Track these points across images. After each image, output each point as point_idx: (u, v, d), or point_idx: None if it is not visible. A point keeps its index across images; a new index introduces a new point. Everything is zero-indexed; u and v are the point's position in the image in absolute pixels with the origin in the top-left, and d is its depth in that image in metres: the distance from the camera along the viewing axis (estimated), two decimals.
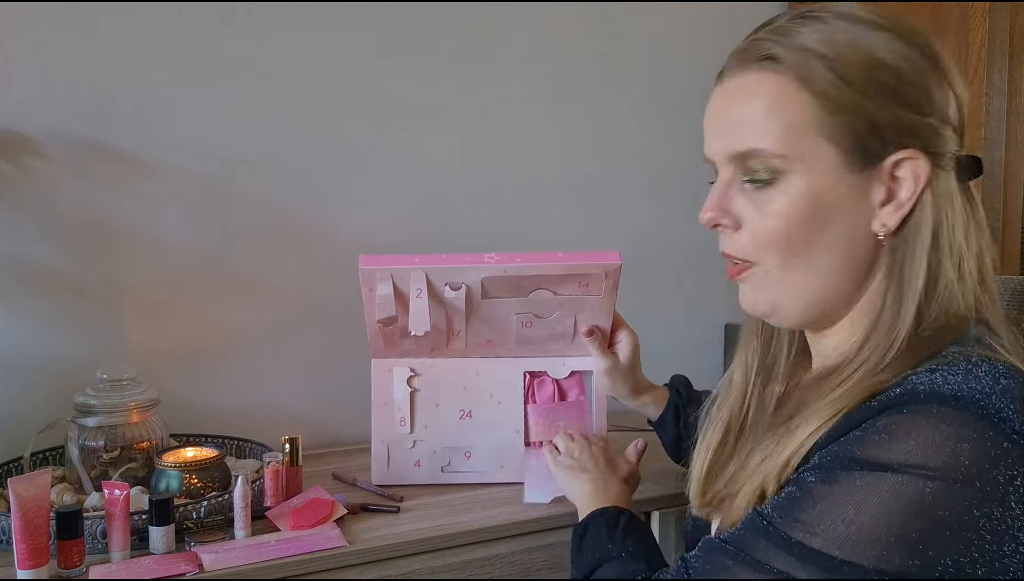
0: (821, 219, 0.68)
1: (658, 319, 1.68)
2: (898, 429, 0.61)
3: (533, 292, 1.12)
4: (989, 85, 1.44)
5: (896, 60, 0.66)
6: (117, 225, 1.29)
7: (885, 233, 0.68)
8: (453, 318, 1.12)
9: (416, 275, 1.08)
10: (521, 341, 1.17)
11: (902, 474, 0.59)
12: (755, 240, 0.70)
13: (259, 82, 1.36)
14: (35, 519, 0.88)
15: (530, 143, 1.57)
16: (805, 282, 0.70)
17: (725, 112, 0.72)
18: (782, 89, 0.67)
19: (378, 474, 1.19)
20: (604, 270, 1.10)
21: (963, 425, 0.59)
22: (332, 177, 1.42)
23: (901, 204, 0.67)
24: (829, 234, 0.68)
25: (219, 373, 1.36)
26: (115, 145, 1.28)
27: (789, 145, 0.67)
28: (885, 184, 0.67)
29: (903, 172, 0.67)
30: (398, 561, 1.00)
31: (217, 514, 1.02)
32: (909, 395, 0.62)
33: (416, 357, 1.18)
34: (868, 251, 0.69)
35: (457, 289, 1.09)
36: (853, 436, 0.63)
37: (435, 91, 1.49)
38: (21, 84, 1.22)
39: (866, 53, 0.66)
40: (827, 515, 0.61)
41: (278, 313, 1.40)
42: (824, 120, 0.66)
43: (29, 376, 1.23)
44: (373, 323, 1.12)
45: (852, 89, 0.66)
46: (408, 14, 1.45)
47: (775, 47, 0.68)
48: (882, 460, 0.60)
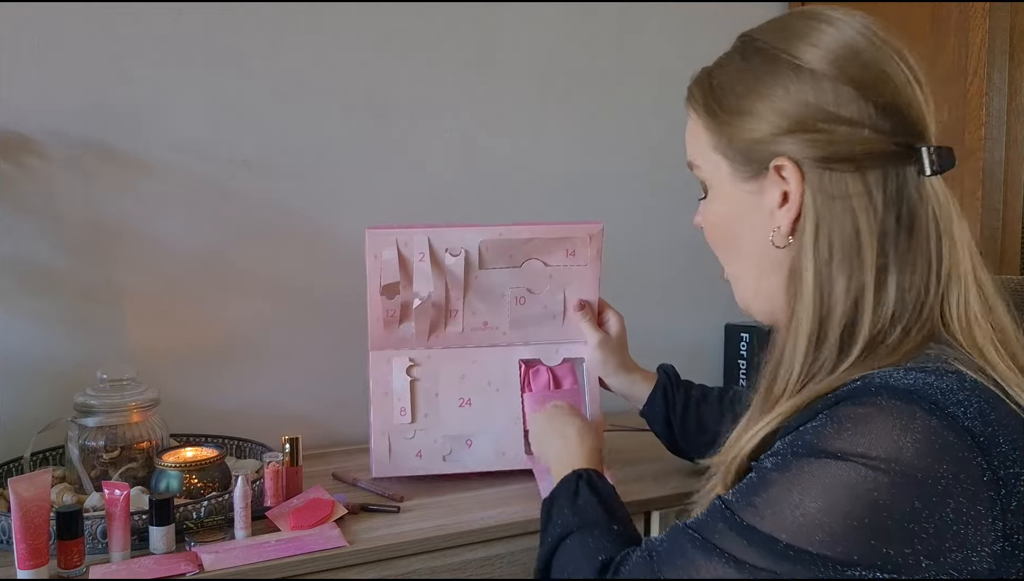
0: (733, 224, 0.78)
1: (658, 319, 1.69)
2: (848, 419, 0.63)
3: (525, 262, 1.20)
4: (989, 85, 1.44)
5: (794, 87, 0.71)
6: (117, 225, 1.29)
7: (779, 234, 0.73)
8: (452, 291, 1.17)
9: (419, 239, 1.15)
10: (516, 323, 1.22)
11: (846, 462, 0.61)
12: (707, 239, 0.83)
13: (259, 82, 1.36)
14: (35, 519, 0.88)
15: (530, 143, 1.57)
16: (742, 280, 0.80)
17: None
18: (692, 119, 0.80)
19: (379, 467, 1.18)
20: (588, 233, 1.22)
21: (911, 418, 0.61)
22: (332, 177, 1.42)
23: (789, 206, 0.72)
24: (744, 238, 0.77)
25: (219, 373, 1.36)
26: (115, 145, 1.28)
27: (703, 164, 0.79)
28: (779, 187, 0.72)
29: (787, 173, 0.71)
30: (398, 561, 1.00)
31: (217, 514, 1.02)
32: (863, 388, 0.65)
33: (414, 348, 1.20)
34: (782, 255, 0.73)
35: (456, 255, 1.16)
36: (809, 425, 0.65)
37: (435, 91, 1.49)
38: (21, 84, 1.22)
39: (745, 76, 0.75)
40: (776, 500, 0.63)
41: (278, 313, 1.40)
42: (712, 138, 0.77)
43: (29, 376, 1.23)
44: (376, 305, 1.16)
45: (725, 112, 0.75)
46: (408, 14, 1.45)
47: (692, 87, 0.80)
48: (829, 448, 0.62)
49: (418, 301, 1.16)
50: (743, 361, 1.60)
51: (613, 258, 1.65)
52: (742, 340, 1.60)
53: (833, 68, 0.70)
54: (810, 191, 0.70)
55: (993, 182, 1.45)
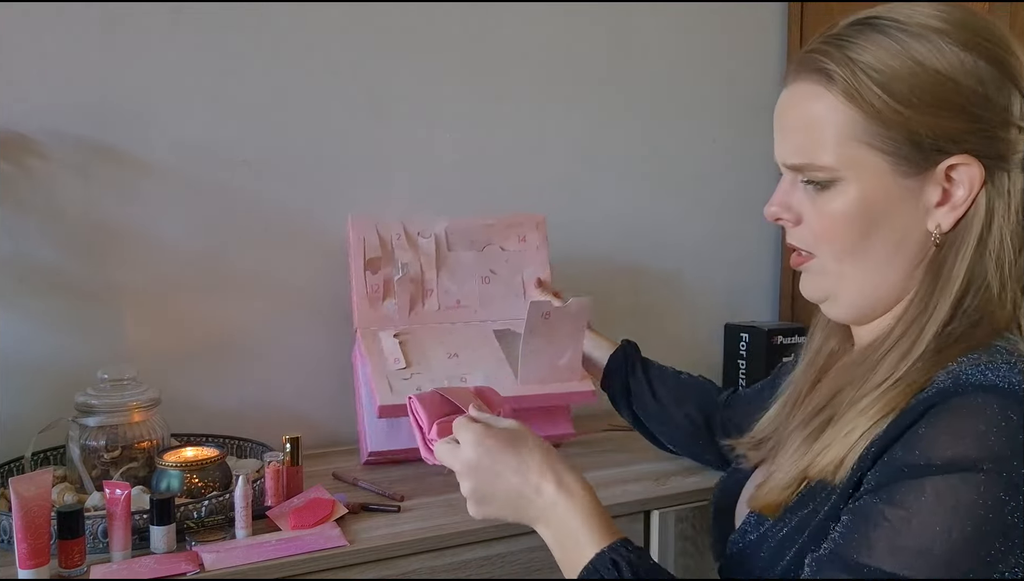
0: (874, 220, 0.71)
1: (658, 319, 1.69)
2: (936, 427, 0.62)
3: (486, 246, 1.37)
4: None
5: (948, 70, 0.67)
6: (117, 225, 1.29)
7: (939, 232, 0.70)
8: (426, 271, 1.33)
9: (395, 223, 1.33)
10: (485, 301, 1.36)
11: (945, 473, 0.60)
12: (814, 235, 0.74)
13: (259, 82, 1.36)
14: (36, 519, 0.89)
15: (530, 143, 1.57)
16: (859, 277, 0.74)
17: (784, 120, 0.76)
18: (831, 104, 0.70)
19: (383, 396, 1.18)
20: (534, 222, 1.41)
21: (1006, 411, 0.60)
22: (332, 177, 1.43)
23: (956, 206, 0.69)
24: (883, 234, 0.71)
25: (219, 373, 1.37)
26: (115, 145, 1.28)
27: (839, 157, 0.70)
28: (940, 185, 0.69)
29: (958, 175, 0.69)
30: (398, 561, 1.00)
31: (218, 514, 1.02)
32: (952, 387, 0.63)
33: (397, 326, 1.30)
34: (920, 248, 0.72)
35: (427, 237, 1.34)
36: (902, 444, 0.64)
37: (435, 91, 1.49)
38: (21, 84, 1.22)
39: (915, 65, 0.68)
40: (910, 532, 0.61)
41: (278, 313, 1.40)
42: (872, 131, 0.69)
43: (29, 376, 1.23)
44: (360, 283, 1.30)
45: (899, 103, 0.68)
46: (408, 14, 1.45)
47: (828, 61, 0.71)
48: (936, 461, 0.61)
49: (398, 274, 1.30)
50: (743, 361, 1.60)
51: (613, 258, 1.66)
52: (742, 340, 1.60)
53: (1016, 72, 0.69)
54: (985, 191, 0.69)
55: None
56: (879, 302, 0.74)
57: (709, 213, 1.74)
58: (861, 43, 0.70)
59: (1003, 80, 0.68)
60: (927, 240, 0.71)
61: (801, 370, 0.86)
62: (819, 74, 0.71)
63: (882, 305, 0.74)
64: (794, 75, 0.75)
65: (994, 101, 0.68)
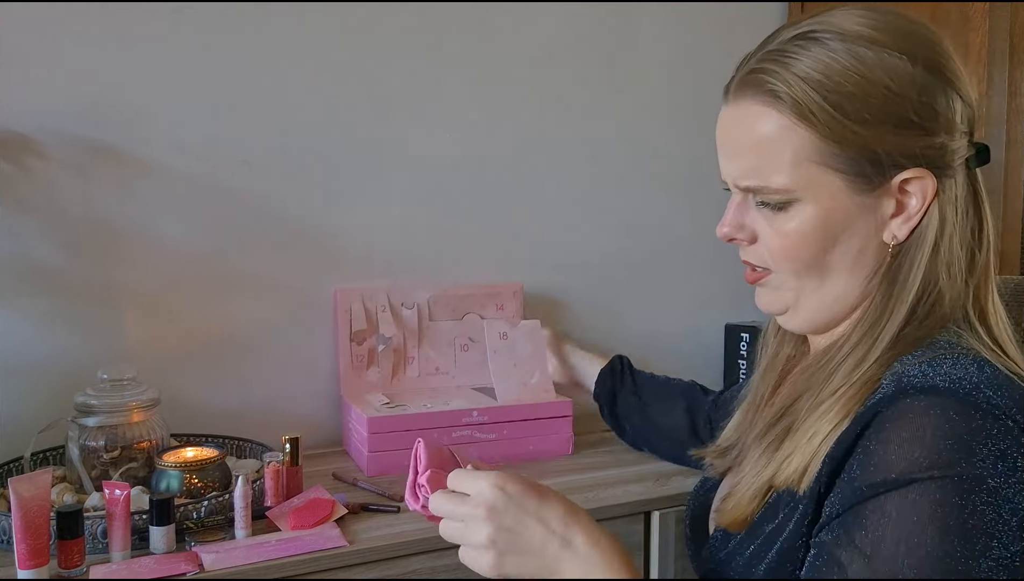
0: (833, 237, 0.71)
1: (659, 319, 1.69)
2: (885, 439, 0.63)
3: (466, 315, 1.46)
4: (989, 85, 1.44)
5: (895, 84, 0.67)
6: (117, 225, 1.29)
7: (895, 242, 0.71)
8: (408, 339, 1.42)
9: (380, 294, 1.41)
10: (463, 367, 1.46)
11: (911, 484, 0.60)
12: (770, 253, 0.74)
13: (259, 82, 1.36)
14: (35, 519, 0.88)
15: (530, 143, 1.57)
16: (818, 291, 0.74)
17: (731, 140, 0.75)
18: (783, 124, 0.69)
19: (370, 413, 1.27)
20: (512, 290, 1.51)
21: (948, 412, 0.61)
22: (332, 177, 1.42)
23: (911, 216, 0.70)
24: (841, 249, 0.72)
25: (219, 373, 1.36)
26: (115, 145, 1.28)
27: (794, 179, 0.70)
28: (894, 197, 0.70)
29: (912, 187, 0.70)
30: (398, 561, 1.00)
31: (217, 514, 1.02)
32: (895, 390, 0.64)
33: (380, 391, 1.38)
34: (877, 259, 0.72)
35: (411, 308, 1.43)
36: (857, 460, 0.64)
37: (435, 91, 1.49)
38: (21, 84, 1.22)
39: (863, 80, 0.67)
40: (879, 543, 0.61)
41: (278, 313, 1.40)
42: (827, 152, 0.68)
43: (29, 376, 1.23)
44: (346, 354, 1.38)
45: (853, 121, 0.67)
46: (408, 14, 1.45)
47: (774, 80, 0.69)
48: (883, 477, 0.62)
49: (382, 346, 1.39)
50: (743, 361, 1.60)
51: (613, 258, 1.66)
52: (742, 340, 1.60)
53: (957, 79, 0.69)
54: (938, 200, 0.70)
55: (993, 182, 1.45)
56: (837, 314, 0.75)
57: (709, 213, 1.73)
58: (804, 58, 0.68)
59: (944, 87, 0.69)
60: (883, 250, 0.72)
61: (759, 376, 0.86)
62: (766, 94, 0.70)
63: (839, 317, 0.75)
64: (738, 93, 0.73)
65: (939, 111, 0.68)
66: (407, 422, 1.24)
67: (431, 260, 1.50)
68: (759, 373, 0.86)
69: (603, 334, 1.65)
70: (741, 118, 0.72)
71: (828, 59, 0.68)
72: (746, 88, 0.72)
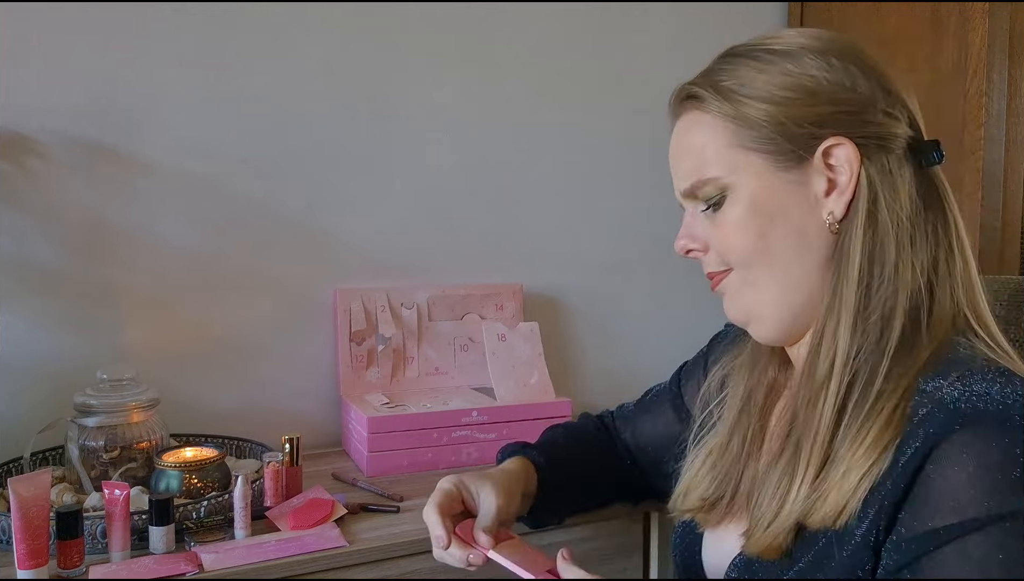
0: (770, 218, 0.73)
1: (659, 319, 1.69)
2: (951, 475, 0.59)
3: (465, 315, 1.46)
4: (989, 85, 1.44)
5: (811, 70, 0.71)
6: (117, 225, 1.29)
7: (832, 221, 0.71)
8: (408, 340, 1.42)
9: (379, 294, 1.42)
10: (462, 367, 1.46)
11: (990, 523, 0.58)
12: (721, 252, 0.76)
13: (259, 82, 1.36)
14: (35, 519, 0.88)
15: (530, 143, 1.57)
16: (772, 282, 0.74)
17: (674, 153, 0.80)
18: (708, 122, 0.75)
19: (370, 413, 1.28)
20: (511, 290, 1.51)
21: (1005, 439, 0.58)
22: (332, 177, 1.42)
23: (843, 190, 0.71)
24: (781, 230, 0.72)
25: (219, 373, 1.36)
26: (115, 145, 1.28)
27: (721, 166, 0.74)
28: (823, 175, 0.71)
29: (836, 160, 0.71)
30: (398, 561, 1.00)
31: (217, 514, 1.02)
32: (946, 418, 0.61)
33: (379, 391, 1.38)
34: (821, 240, 0.72)
35: (410, 308, 1.43)
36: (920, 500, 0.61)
37: (435, 91, 1.49)
38: (21, 84, 1.22)
39: (780, 73, 0.72)
40: None
41: (278, 313, 1.40)
42: (745, 135, 0.72)
43: (29, 376, 1.23)
44: (345, 354, 1.38)
45: (764, 102, 0.72)
46: (408, 14, 1.45)
47: (699, 88, 0.76)
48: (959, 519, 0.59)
49: (382, 346, 1.39)
50: None
51: (613, 258, 1.66)
52: None
53: (877, 68, 0.72)
54: (865, 170, 0.70)
55: (993, 182, 1.45)
56: (800, 307, 0.73)
57: None
58: (729, 68, 0.75)
59: (865, 76, 0.71)
60: (825, 231, 0.72)
61: (733, 419, 0.81)
62: (692, 100, 0.76)
63: (804, 311, 0.74)
64: (674, 113, 0.80)
65: (857, 89, 0.71)
66: (407, 422, 1.24)
67: (431, 260, 1.50)
68: (732, 416, 0.82)
69: (601, 335, 1.66)
70: (679, 133, 0.79)
71: (749, 64, 0.74)
72: (678, 105, 0.79)
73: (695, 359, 1.02)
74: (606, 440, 1.05)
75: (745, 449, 0.79)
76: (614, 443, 1.05)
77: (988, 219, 1.45)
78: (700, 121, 0.75)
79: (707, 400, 0.87)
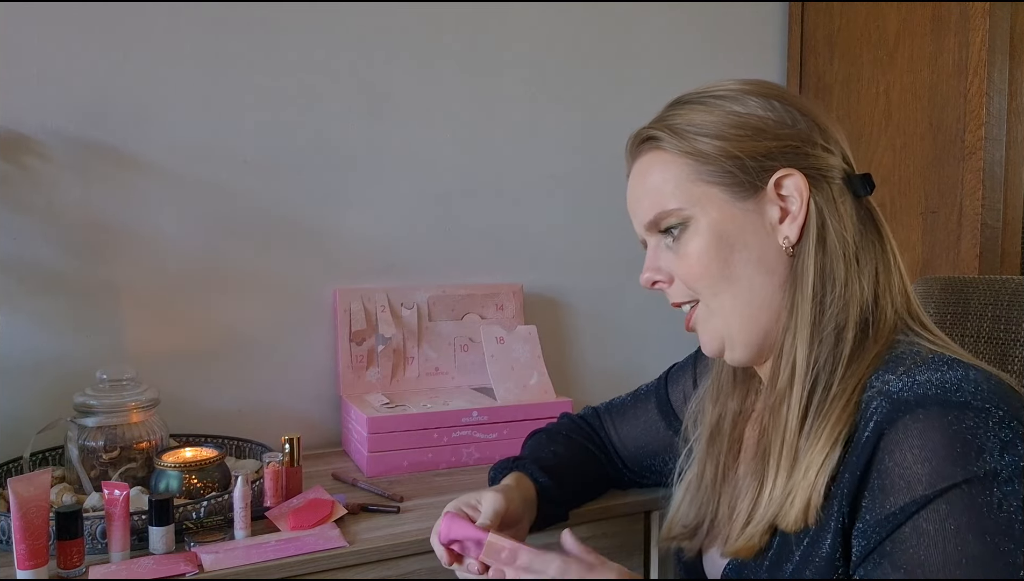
0: (730, 246, 0.78)
1: (659, 319, 1.68)
2: (901, 457, 0.65)
3: (465, 315, 1.46)
4: (989, 85, 1.44)
5: (755, 111, 0.78)
6: (117, 225, 1.29)
7: (788, 244, 0.77)
8: (408, 340, 1.42)
9: (379, 294, 1.42)
10: (462, 367, 1.46)
11: (937, 497, 0.63)
12: (687, 281, 0.81)
13: (259, 82, 1.36)
14: (35, 519, 0.88)
15: (530, 143, 1.57)
16: (737, 305, 0.79)
17: (633, 195, 0.85)
18: (665, 160, 0.80)
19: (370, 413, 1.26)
20: (512, 290, 1.51)
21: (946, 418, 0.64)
22: (332, 177, 1.42)
23: (795, 217, 0.77)
24: (741, 257, 0.78)
25: (219, 373, 1.36)
26: (115, 145, 1.28)
27: (681, 198, 0.79)
28: (776, 204, 0.77)
29: (787, 190, 0.77)
30: (398, 561, 1.00)
31: (217, 514, 1.02)
32: (891, 407, 0.66)
33: (379, 392, 1.38)
34: (779, 264, 0.78)
35: (410, 308, 1.43)
36: (877, 485, 0.66)
37: (435, 90, 1.49)
38: (21, 84, 1.22)
39: (727, 114, 0.79)
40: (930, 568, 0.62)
41: (278, 313, 1.40)
42: (702, 170, 0.78)
43: (29, 376, 1.23)
44: (345, 354, 1.38)
45: (716, 139, 0.78)
46: (408, 14, 1.45)
47: (654, 131, 0.81)
48: (911, 497, 0.64)
49: (381, 346, 1.39)
50: None
51: (613, 258, 1.66)
52: None
53: (811, 111, 0.79)
54: (813, 198, 0.76)
55: (993, 182, 1.45)
56: (766, 327, 0.78)
57: None
58: (681, 113, 0.81)
59: (802, 115, 0.79)
60: (782, 254, 0.78)
61: (703, 450, 0.86)
62: (648, 143, 0.82)
63: (770, 332, 0.79)
64: (632, 155, 0.85)
65: (796, 127, 0.78)
66: (407, 422, 1.24)
67: (431, 260, 1.50)
68: (703, 444, 0.87)
69: (601, 335, 1.66)
70: (637, 175, 0.84)
71: (697, 108, 0.80)
72: (634, 149, 0.85)
73: (683, 363, 1.07)
74: (589, 436, 1.10)
75: (719, 475, 0.85)
76: (598, 438, 1.10)
77: (988, 219, 1.45)
78: (659, 159, 0.81)
79: (687, 437, 0.92)
